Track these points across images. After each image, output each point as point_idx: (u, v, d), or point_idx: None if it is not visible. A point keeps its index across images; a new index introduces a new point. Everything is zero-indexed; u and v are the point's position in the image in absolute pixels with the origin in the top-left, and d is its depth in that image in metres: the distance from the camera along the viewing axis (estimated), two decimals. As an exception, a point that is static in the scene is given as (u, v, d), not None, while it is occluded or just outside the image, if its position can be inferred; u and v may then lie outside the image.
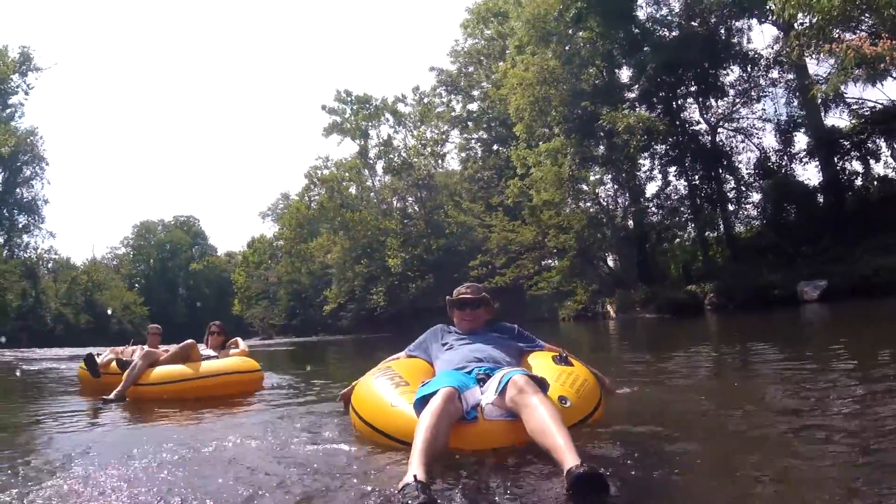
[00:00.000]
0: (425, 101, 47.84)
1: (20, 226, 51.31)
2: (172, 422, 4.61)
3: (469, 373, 3.08)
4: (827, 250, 19.23)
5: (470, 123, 44.03)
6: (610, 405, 3.50)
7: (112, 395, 5.71)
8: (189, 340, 6.36)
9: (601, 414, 3.17)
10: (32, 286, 47.41)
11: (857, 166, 22.18)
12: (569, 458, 2.07)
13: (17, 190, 50.57)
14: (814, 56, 16.87)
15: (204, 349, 6.60)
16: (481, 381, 2.98)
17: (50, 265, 55.84)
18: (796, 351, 6.80)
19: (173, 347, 6.37)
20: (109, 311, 57.03)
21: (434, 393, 2.58)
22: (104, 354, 7.35)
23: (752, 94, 24.80)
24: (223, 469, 2.69)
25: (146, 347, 6.43)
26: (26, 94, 42.34)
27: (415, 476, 2.02)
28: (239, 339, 7.22)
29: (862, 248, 17.82)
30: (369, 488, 2.25)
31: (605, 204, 28.66)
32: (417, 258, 42.61)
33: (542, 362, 3.48)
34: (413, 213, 45.91)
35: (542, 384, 2.67)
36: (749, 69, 24.24)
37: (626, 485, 2.13)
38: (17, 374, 12.53)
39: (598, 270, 29.48)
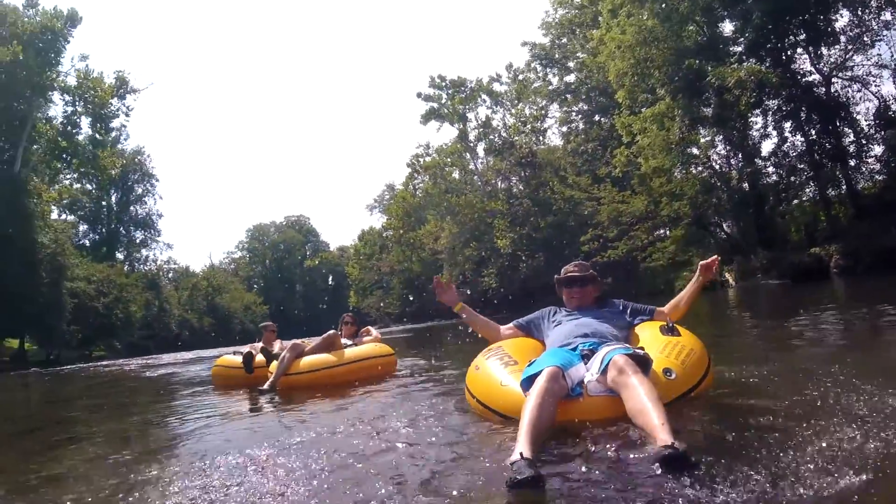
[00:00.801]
0: (520, 77, 47.57)
1: (138, 241, 56.21)
2: (318, 407, 5.05)
3: (574, 349, 3.19)
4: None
5: (569, 96, 43.46)
6: (719, 377, 3.42)
7: (266, 386, 6.19)
8: (331, 331, 6.82)
9: (709, 383, 3.19)
10: (155, 296, 50.28)
11: None
12: (661, 438, 2.16)
13: (132, 208, 55.59)
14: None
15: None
16: (586, 357, 3.06)
17: (170, 275, 59.78)
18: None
19: (317, 339, 6.80)
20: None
21: (540, 372, 2.73)
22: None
23: (865, 38, 22.89)
24: (360, 447, 3.03)
25: (293, 342, 6.87)
26: (127, 115, 44.31)
27: (521, 453, 2.17)
28: (371, 328, 7.70)
29: None
30: (486, 463, 2.49)
31: (718, 167, 27.52)
32: (526, 237, 42.19)
33: (649, 333, 3.53)
34: (518, 193, 45.40)
35: (643, 362, 2.76)
36: (859, 12, 22.46)
37: (713, 465, 2.07)
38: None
39: (716, 238, 28.32)
